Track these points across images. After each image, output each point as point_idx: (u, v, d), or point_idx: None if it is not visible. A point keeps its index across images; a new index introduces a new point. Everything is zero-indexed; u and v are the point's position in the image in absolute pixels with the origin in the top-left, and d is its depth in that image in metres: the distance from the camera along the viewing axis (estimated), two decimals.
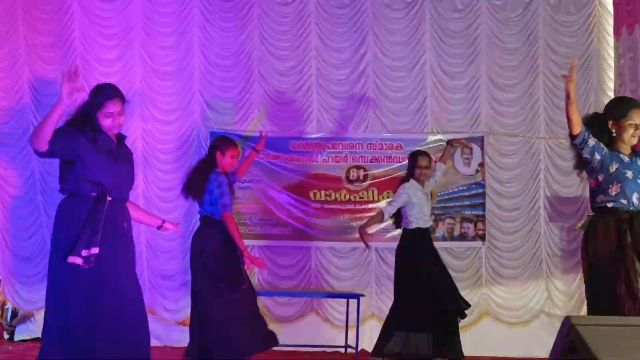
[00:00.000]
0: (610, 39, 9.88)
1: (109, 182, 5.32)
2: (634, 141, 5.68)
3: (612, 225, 5.58)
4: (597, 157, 5.61)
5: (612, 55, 9.83)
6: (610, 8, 9.87)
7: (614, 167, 5.61)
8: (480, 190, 9.69)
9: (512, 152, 9.81)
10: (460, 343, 7.92)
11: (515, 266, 9.72)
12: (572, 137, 5.66)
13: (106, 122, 5.37)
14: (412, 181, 8.04)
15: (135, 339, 5.29)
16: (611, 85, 9.76)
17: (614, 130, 5.69)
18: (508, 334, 9.56)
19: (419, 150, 8.43)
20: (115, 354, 5.14)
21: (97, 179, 5.26)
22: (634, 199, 5.56)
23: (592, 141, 5.60)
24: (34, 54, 9.58)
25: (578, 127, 5.59)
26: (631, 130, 5.65)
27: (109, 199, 5.30)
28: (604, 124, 5.77)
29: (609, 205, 5.62)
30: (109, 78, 8.63)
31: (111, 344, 5.14)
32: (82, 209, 5.23)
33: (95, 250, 5.13)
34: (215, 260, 6.96)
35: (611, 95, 9.63)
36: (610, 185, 5.59)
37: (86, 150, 5.25)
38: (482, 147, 9.72)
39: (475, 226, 9.66)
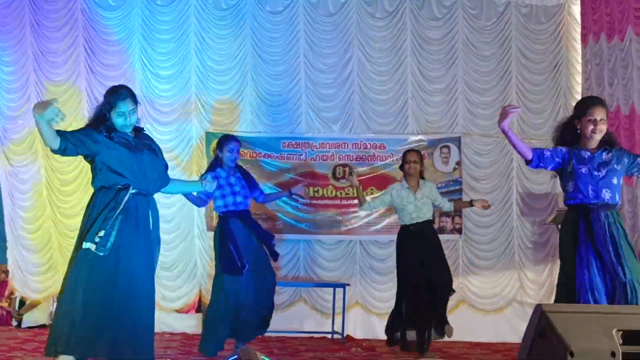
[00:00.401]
0: (578, 46, 9.94)
1: (129, 173, 5.31)
2: (596, 136, 5.61)
3: (570, 220, 5.64)
4: (559, 160, 5.64)
5: (580, 61, 9.89)
6: (578, 17, 9.94)
7: (570, 166, 5.60)
8: (457, 187, 9.76)
9: (487, 151, 9.88)
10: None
11: (490, 257, 9.79)
12: (528, 162, 5.68)
13: (119, 121, 5.35)
14: (402, 183, 7.92)
15: (139, 330, 5.22)
16: (579, 89, 9.82)
17: (578, 128, 5.66)
18: (483, 320, 9.62)
19: (410, 148, 8.44)
20: (119, 340, 5.11)
21: (117, 169, 5.26)
22: (590, 191, 5.53)
23: (547, 152, 5.66)
24: (41, 59, 9.56)
25: (528, 154, 5.61)
26: (591, 126, 5.59)
27: (133, 190, 5.30)
28: (572, 123, 5.76)
29: (569, 201, 5.65)
30: (111, 82, 8.63)
31: (116, 331, 5.10)
32: (105, 199, 5.26)
33: (101, 233, 5.12)
34: (216, 252, 7.32)
35: (579, 98, 9.70)
36: (567, 183, 5.61)
37: (102, 145, 5.27)
38: (459, 147, 9.79)
39: (452, 220, 9.72)
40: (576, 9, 9.98)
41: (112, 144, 5.32)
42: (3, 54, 9.56)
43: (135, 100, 5.46)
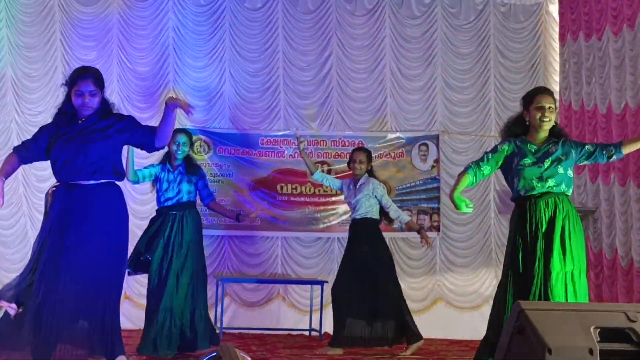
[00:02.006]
0: (556, 45, 10.00)
1: (58, 164, 5.23)
2: (545, 125, 5.57)
3: (516, 213, 5.66)
4: (503, 162, 5.64)
5: (558, 60, 9.94)
6: (556, 16, 9.99)
7: (515, 162, 5.57)
8: (435, 185, 9.78)
9: (465, 149, 9.89)
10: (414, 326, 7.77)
11: (467, 255, 9.84)
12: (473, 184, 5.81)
13: (77, 101, 5.24)
14: (351, 179, 8.05)
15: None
16: (556, 87, 9.83)
17: (526, 119, 5.63)
18: (460, 318, 9.65)
19: (357, 147, 8.53)
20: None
21: (52, 162, 5.27)
22: (534, 182, 5.50)
23: (485, 163, 5.64)
24: (17, 54, 9.46)
25: (465, 182, 5.65)
26: (538, 114, 5.54)
27: (55, 186, 5.26)
28: (523, 119, 5.72)
29: (516, 196, 5.65)
30: None
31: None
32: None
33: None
34: None
35: (557, 97, 9.74)
36: (514, 180, 5.59)
37: (50, 142, 5.27)
38: (437, 145, 9.81)
39: (430, 218, 9.74)
40: (554, 8, 10.03)
41: (55, 137, 5.26)
42: None
43: (98, 84, 5.32)
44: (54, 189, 5.33)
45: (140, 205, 9.24)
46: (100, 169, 5.23)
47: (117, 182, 5.39)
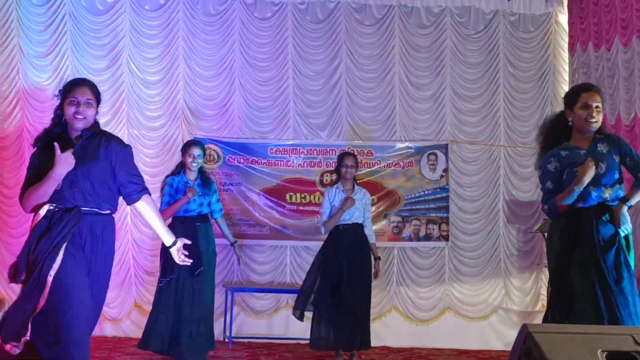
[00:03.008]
0: (565, 55, 9.99)
1: (59, 186, 4.63)
2: (592, 126, 5.08)
3: (564, 224, 5.10)
4: (560, 173, 5.12)
5: (567, 69, 9.93)
6: (566, 26, 9.98)
7: (565, 175, 5.08)
8: (444, 194, 9.75)
9: (474, 158, 9.88)
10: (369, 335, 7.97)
11: (476, 265, 9.80)
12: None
13: (69, 110, 4.68)
14: (337, 185, 8.14)
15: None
16: None
17: (570, 119, 5.14)
18: (468, 327, 9.61)
19: (345, 152, 8.65)
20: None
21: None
22: (590, 193, 4.98)
23: (548, 179, 5.16)
24: (28, 63, 9.50)
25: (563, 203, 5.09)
26: (584, 113, 5.05)
27: (49, 207, 4.63)
28: (563, 119, 5.25)
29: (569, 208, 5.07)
30: (98, 86, 8.57)
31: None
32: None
33: (22, 276, 4.57)
34: None
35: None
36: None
37: (41, 161, 4.72)
38: (446, 154, 9.79)
39: (439, 227, 9.72)
40: (564, 18, 10.02)
41: (48, 160, 4.65)
42: None
43: (94, 93, 4.82)
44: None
45: None
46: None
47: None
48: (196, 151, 7.60)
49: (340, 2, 9.93)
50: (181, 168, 7.73)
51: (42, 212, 4.65)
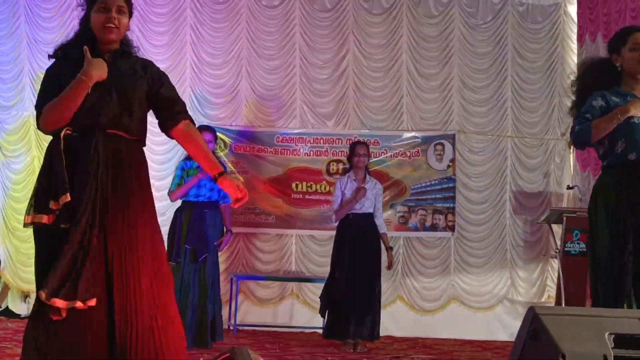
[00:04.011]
0: (574, 46, 9.95)
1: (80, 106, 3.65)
2: None
3: (612, 185, 4.48)
4: (604, 113, 4.48)
5: (575, 60, 9.87)
6: (575, 17, 9.94)
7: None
8: (451, 185, 9.73)
9: (481, 149, 9.86)
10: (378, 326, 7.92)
11: (482, 255, 9.78)
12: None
13: (99, 19, 3.76)
14: (349, 174, 8.11)
15: None
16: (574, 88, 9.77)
17: (618, 65, 4.61)
18: (473, 318, 9.61)
19: (358, 140, 8.59)
20: None
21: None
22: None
23: (589, 111, 4.52)
24: (35, 49, 9.49)
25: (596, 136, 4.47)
26: (635, 55, 4.53)
27: (66, 131, 3.62)
28: (610, 64, 4.70)
29: (618, 162, 4.48)
30: None
31: None
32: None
33: (65, 199, 3.54)
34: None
35: (573, 97, 9.67)
36: (616, 142, 4.47)
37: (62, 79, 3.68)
38: (453, 145, 9.77)
39: (445, 218, 9.70)
40: (573, 9, 9.98)
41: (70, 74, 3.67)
42: None
43: (128, 2, 3.89)
44: None
45: None
46: None
47: None
48: (207, 136, 7.37)
49: None
50: None
51: (60, 141, 3.66)
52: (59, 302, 3.42)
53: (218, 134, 9.41)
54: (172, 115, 3.97)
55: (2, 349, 6.77)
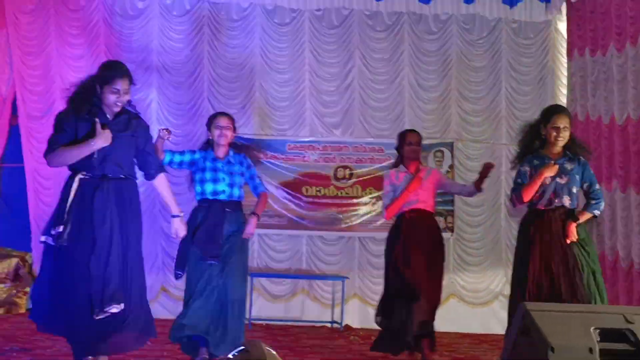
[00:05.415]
0: (564, 60, 9.95)
1: (94, 158, 4.94)
2: (559, 143, 5.77)
3: (527, 223, 5.88)
4: (530, 176, 5.80)
5: (565, 73, 9.89)
6: (564, 33, 9.94)
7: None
8: None
9: (477, 156, 9.87)
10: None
11: (479, 255, 9.83)
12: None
13: (111, 98, 4.96)
14: (399, 167, 6.83)
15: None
16: (564, 100, 9.80)
17: (543, 134, 5.83)
18: (471, 313, 9.64)
19: (407, 129, 7.20)
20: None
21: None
22: (550, 196, 5.71)
23: (519, 177, 5.84)
24: (64, 64, 9.56)
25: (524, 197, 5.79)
26: (554, 133, 5.75)
27: (80, 176, 4.94)
28: (539, 130, 5.90)
29: (534, 207, 5.82)
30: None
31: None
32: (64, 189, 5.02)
33: (59, 229, 4.80)
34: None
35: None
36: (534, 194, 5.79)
37: (77, 133, 4.96)
38: (451, 152, 9.80)
39: (445, 219, 9.72)
40: (562, 26, 10.00)
41: (85, 128, 4.95)
42: (29, 59, 9.57)
43: (131, 81, 5.10)
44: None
45: None
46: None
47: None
48: (224, 122, 6.21)
49: (354, 9, 9.94)
50: (209, 145, 6.30)
51: (75, 182, 4.97)
52: None
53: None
54: (151, 169, 5.39)
55: (35, 341, 6.83)
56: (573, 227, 5.69)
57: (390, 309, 6.65)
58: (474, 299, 9.70)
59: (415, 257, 6.56)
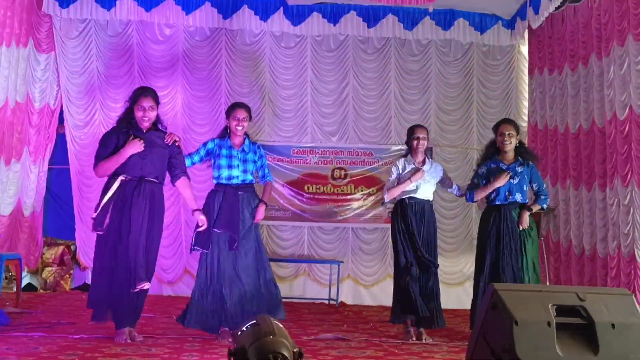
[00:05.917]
0: (526, 78, 9.94)
1: (131, 163, 5.27)
2: (506, 147, 6.03)
3: (486, 217, 6.21)
4: (486, 178, 6.18)
5: (527, 89, 9.88)
6: (526, 55, 9.94)
7: (491, 180, 6.10)
8: None
9: (453, 159, 9.87)
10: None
11: (453, 242, 9.82)
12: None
13: (138, 114, 5.31)
14: (407, 158, 6.47)
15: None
16: (526, 111, 9.81)
17: (497, 143, 6.14)
18: (447, 291, 9.48)
19: (416, 124, 6.93)
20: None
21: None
22: (505, 194, 6.05)
23: (476, 178, 6.27)
24: (104, 82, 9.57)
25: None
26: (500, 139, 6.05)
27: (122, 178, 5.26)
28: (494, 140, 6.27)
29: (491, 203, 6.18)
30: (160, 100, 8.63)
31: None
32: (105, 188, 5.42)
33: (106, 221, 5.21)
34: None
35: (526, 119, 9.72)
36: (490, 195, 6.18)
37: (119, 143, 5.32)
38: (431, 155, 9.63)
39: None
40: (524, 49, 9.99)
41: (124, 140, 5.32)
42: (74, 77, 9.55)
43: (155, 100, 5.40)
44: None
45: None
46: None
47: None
48: (241, 114, 5.90)
49: (349, 36, 9.91)
50: (226, 133, 5.98)
51: (117, 182, 5.25)
52: None
53: None
54: (177, 173, 5.59)
55: (79, 316, 6.82)
56: (526, 216, 6.02)
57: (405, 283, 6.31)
58: (450, 279, 9.67)
59: (413, 238, 6.31)
